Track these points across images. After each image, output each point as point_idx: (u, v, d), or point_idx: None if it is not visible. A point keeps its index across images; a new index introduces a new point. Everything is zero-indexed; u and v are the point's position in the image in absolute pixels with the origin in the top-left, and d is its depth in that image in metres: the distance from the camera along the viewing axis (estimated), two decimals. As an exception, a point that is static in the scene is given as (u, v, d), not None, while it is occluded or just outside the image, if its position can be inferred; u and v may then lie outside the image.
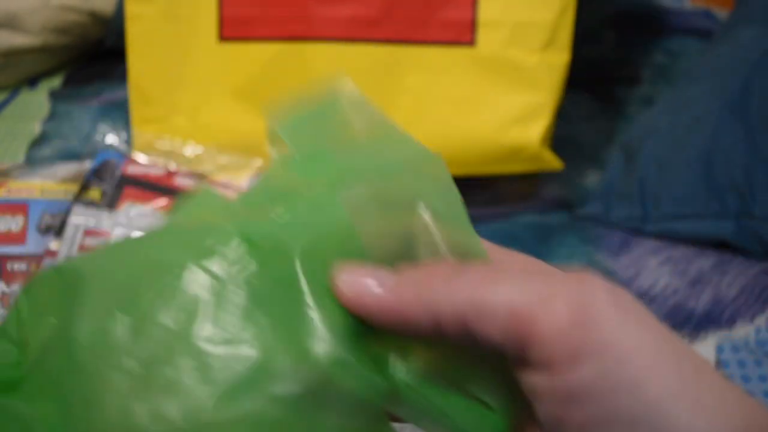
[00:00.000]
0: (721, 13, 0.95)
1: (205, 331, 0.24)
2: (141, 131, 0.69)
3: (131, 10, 0.67)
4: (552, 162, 0.67)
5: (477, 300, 0.23)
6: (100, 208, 0.62)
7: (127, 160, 0.66)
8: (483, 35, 0.65)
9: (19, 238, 0.60)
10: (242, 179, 0.67)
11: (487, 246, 0.27)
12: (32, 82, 0.83)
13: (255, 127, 0.68)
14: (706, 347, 0.59)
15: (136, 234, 0.58)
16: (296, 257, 0.25)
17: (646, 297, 0.63)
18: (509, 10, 0.64)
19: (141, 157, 0.67)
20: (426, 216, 0.27)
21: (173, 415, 0.23)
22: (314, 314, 0.24)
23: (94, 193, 0.63)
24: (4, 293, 0.57)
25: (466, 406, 0.27)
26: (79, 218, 0.61)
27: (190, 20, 0.67)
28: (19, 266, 0.59)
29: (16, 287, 0.58)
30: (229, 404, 0.23)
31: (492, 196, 0.74)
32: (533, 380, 0.23)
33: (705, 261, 0.66)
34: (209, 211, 0.28)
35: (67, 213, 0.61)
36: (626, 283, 0.65)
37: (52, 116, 0.79)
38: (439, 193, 0.27)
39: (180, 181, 0.65)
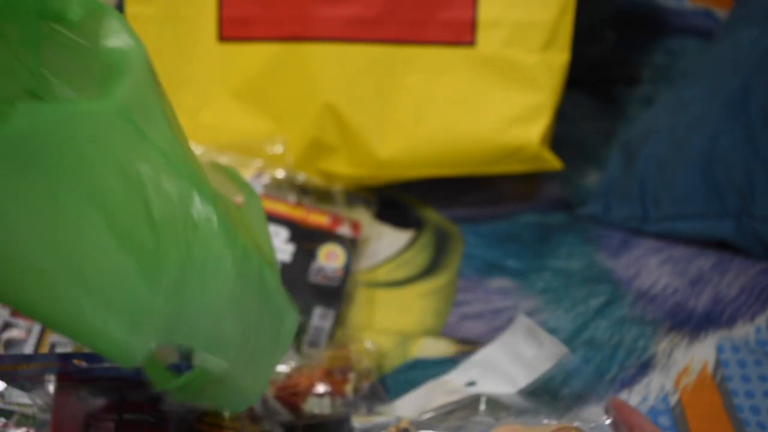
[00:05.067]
0: (721, 13, 0.95)
1: None
2: (141, 131, 0.69)
3: (131, 10, 0.67)
4: (552, 162, 0.67)
5: None
6: (100, 208, 0.62)
7: (127, 160, 0.66)
8: (483, 35, 0.65)
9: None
10: (242, 179, 0.67)
11: None
12: (32, 82, 0.83)
13: (255, 127, 0.68)
14: (706, 347, 0.59)
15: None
16: None
17: (646, 297, 0.63)
18: (509, 10, 0.64)
19: (141, 157, 0.67)
20: None
21: None
22: None
23: (94, 193, 0.63)
24: (4, 293, 0.57)
25: None
26: (79, 218, 0.61)
27: (189, 20, 0.67)
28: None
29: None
30: None
31: (492, 196, 0.74)
32: None
33: (705, 261, 0.66)
34: None
35: (67, 213, 0.61)
36: (626, 283, 0.65)
37: (52, 116, 0.79)
38: None
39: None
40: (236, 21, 0.66)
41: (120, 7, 0.79)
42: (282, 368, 0.55)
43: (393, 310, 0.63)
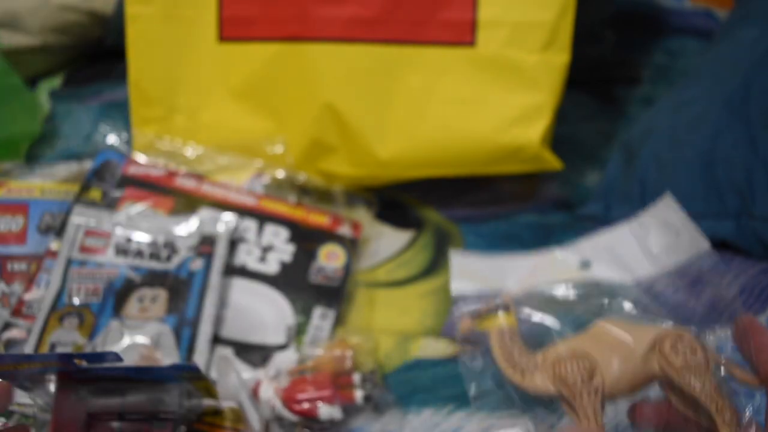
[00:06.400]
0: (721, 13, 0.95)
1: None
2: (141, 131, 0.69)
3: (131, 10, 0.67)
4: (552, 162, 0.67)
5: None
6: (100, 208, 0.62)
7: (128, 160, 0.66)
8: (483, 35, 0.65)
9: (19, 238, 0.61)
10: (242, 179, 0.67)
11: None
12: (32, 82, 0.83)
13: (255, 127, 0.68)
14: (706, 347, 0.59)
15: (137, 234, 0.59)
16: None
17: (646, 297, 0.63)
18: (509, 11, 0.64)
19: (141, 158, 0.67)
20: None
21: None
22: None
23: (95, 193, 0.63)
24: (4, 293, 0.58)
25: None
26: (80, 218, 0.61)
27: (189, 20, 0.67)
28: (19, 266, 0.59)
29: (16, 287, 0.58)
30: None
31: (492, 196, 0.74)
32: None
33: (705, 261, 0.66)
34: None
35: (67, 213, 0.61)
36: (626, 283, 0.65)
37: (52, 116, 0.79)
38: None
39: (180, 182, 0.65)
40: (236, 21, 0.66)
41: (120, 7, 0.79)
42: (283, 366, 0.55)
43: (393, 310, 0.63)
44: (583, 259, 0.50)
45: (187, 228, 0.61)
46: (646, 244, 0.49)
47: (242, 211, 0.64)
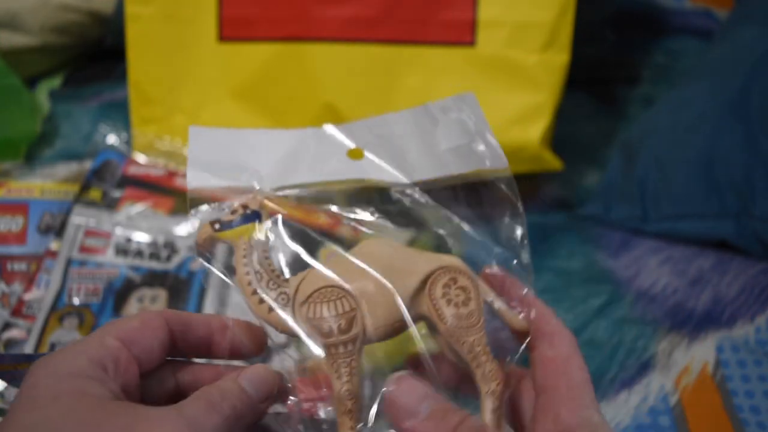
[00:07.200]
0: (721, 13, 0.95)
1: None
2: (141, 131, 0.69)
3: (131, 10, 0.67)
4: (552, 162, 0.67)
5: None
6: (100, 208, 0.62)
7: (128, 160, 0.66)
8: (483, 35, 0.65)
9: (19, 238, 0.61)
10: (242, 179, 0.67)
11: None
12: (32, 82, 0.83)
13: (255, 127, 0.68)
14: (706, 347, 0.59)
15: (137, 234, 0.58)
16: None
17: (646, 297, 0.63)
18: (509, 11, 0.64)
19: (141, 158, 0.67)
20: None
21: None
22: None
23: (95, 193, 0.63)
24: (4, 293, 0.58)
25: None
26: (80, 218, 0.61)
27: (189, 20, 0.67)
28: (19, 266, 0.59)
29: (16, 287, 0.58)
30: None
31: (491, 196, 0.73)
32: None
33: (705, 261, 0.66)
34: None
35: (67, 213, 0.61)
36: (626, 283, 0.65)
37: (52, 116, 0.79)
38: None
39: (180, 182, 0.65)
40: (236, 21, 0.66)
41: (120, 7, 0.79)
42: (283, 366, 0.55)
43: (393, 310, 0.63)
44: (356, 144, 0.40)
45: (187, 228, 0.61)
46: (432, 140, 0.39)
47: (242, 211, 0.64)
